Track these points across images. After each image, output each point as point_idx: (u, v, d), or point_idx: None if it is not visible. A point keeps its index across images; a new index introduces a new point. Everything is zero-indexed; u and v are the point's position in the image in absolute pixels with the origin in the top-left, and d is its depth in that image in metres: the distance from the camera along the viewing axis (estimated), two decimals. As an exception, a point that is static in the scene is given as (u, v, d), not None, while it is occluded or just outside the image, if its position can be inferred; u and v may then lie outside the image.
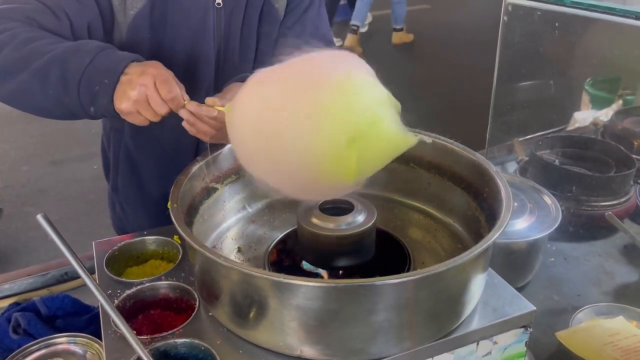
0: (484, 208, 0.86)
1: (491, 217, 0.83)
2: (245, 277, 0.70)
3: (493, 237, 0.70)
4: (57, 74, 0.84)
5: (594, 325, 1.01)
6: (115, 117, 0.87)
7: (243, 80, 0.97)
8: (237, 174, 0.98)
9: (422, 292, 0.69)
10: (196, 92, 1.07)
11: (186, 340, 0.75)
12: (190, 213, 0.86)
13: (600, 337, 0.98)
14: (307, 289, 0.66)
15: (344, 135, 0.67)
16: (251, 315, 0.72)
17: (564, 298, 1.13)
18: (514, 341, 0.80)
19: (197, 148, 1.17)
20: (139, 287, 0.85)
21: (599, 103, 1.99)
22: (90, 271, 1.19)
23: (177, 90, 0.84)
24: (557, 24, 1.57)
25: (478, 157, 0.89)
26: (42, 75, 0.85)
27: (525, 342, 0.82)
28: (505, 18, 1.43)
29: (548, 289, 1.14)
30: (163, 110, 0.84)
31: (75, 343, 0.92)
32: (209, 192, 0.93)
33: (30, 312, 1.02)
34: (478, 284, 0.76)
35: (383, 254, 0.88)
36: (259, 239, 0.95)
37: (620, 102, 1.95)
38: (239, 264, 0.68)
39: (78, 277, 1.20)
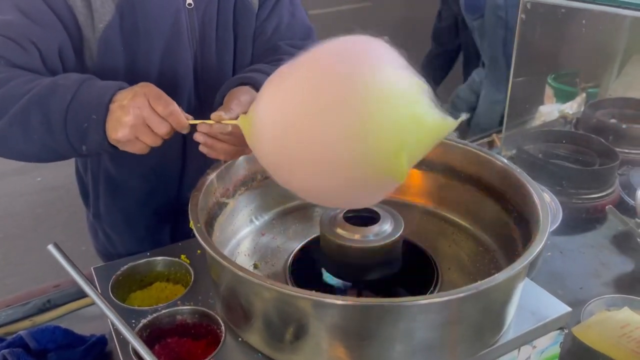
0: (509, 210, 0.85)
1: (520, 218, 0.82)
2: (288, 299, 0.65)
3: (542, 241, 0.69)
4: (38, 118, 0.77)
5: (605, 319, 1.02)
6: (112, 151, 0.80)
7: (238, 83, 0.93)
8: (244, 185, 0.92)
9: (472, 306, 0.67)
10: (178, 101, 1.01)
11: (222, 372, 0.69)
12: (208, 231, 0.79)
13: (613, 330, 0.99)
14: (356, 309, 0.62)
15: (391, 142, 0.64)
16: (292, 337, 0.67)
17: (568, 292, 1.14)
18: (550, 344, 0.80)
19: (183, 162, 1.11)
20: (154, 315, 0.78)
21: (562, 97, 2.05)
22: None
23: (173, 103, 0.78)
24: (523, 17, 1.59)
25: (503, 160, 0.87)
26: (21, 121, 0.78)
27: (560, 344, 0.81)
28: (523, 16, 1.44)
29: (551, 284, 1.15)
30: (163, 129, 0.77)
31: (82, 380, 0.84)
32: (220, 207, 0.87)
33: (18, 348, 0.92)
34: (520, 292, 0.74)
35: (405, 262, 0.85)
36: (273, 252, 0.90)
37: (584, 95, 2.03)
38: (285, 286, 0.63)
39: (62, 304, 1.11)
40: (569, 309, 0.79)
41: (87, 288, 0.72)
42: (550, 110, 2.01)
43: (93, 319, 1.08)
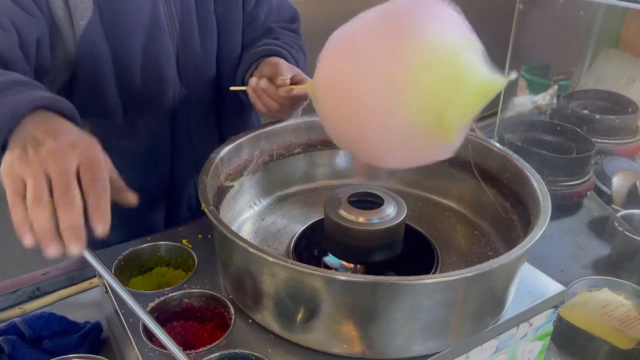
0: (505, 194, 0.88)
1: (517, 202, 0.85)
2: (304, 277, 0.65)
3: (545, 221, 0.72)
4: None
5: (587, 299, 1.07)
6: None
7: (261, 55, 0.98)
8: (246, 169, 0.92)
9: (480, 285, 0.69)
10: (163, 91, 1.01)
11: (236, 351, 0.70)
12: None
13: (595, 309, 1.04)
14: (368, 286, 0.64)
15: (437, 97, 0.64)
16: (304, 316, 0.68)
17: (550, 274, 1.17)
18: (545, 321, 0.83)
19: (172, 149, 1.10)
20: (161, 298, 0.78)
21: (534, 88, 2.12)
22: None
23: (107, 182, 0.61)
24: (521, 7, 1.63)
25: (499, 147, 0.90)
26: None
27: (553, 322, 0.85)
28: (521, 6, 1.47)
29: (534, 267, 1.20)
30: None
31: (84, 366, 0.83)
32: (223, 191, 0.87)
33: (12, 335, 0.90)
34: (521, 272, 0.77)
35: (405, 245, 0.87)
36: (274, 236, 0.91)
37: (556, 87, 2.10)
38: (302, 264, 0.64)
39: (51, 292, 1.09)
40: (563, 287, 0.82)
41: (99, 267, 0.71)
42: (524, 102, 2.08)
43: (84, 306, 1.06)
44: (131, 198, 0.66)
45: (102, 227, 0.58)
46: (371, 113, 0.67)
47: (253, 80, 0.93)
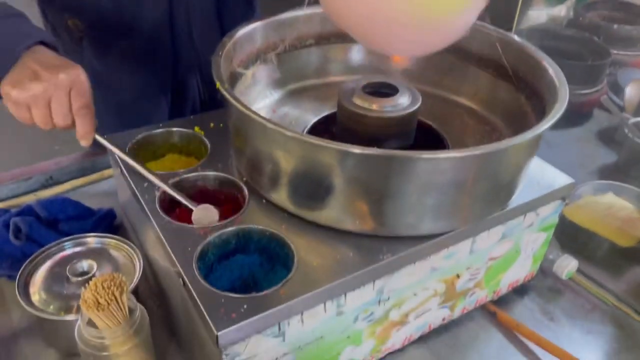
0: (521, 87, 0.87)
1: (532, 93, 0.84)
2: (318, 151, 0.65)
3: (564, 104, 0.72)
4: None
5: (591, 201, 1.09)
6: None
7: None
8: (259, 58, 0.91)
9: (495, 164, 0.70)
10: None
11: (251, 226, 0.72)
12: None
13: (599, 211, 1.06)
14: (381, 159, 0.64)
15: None
16: (319, 193, 0.69)
17: (556, 179, 1.20)
18: (551, 212, 0.85)
19: (173, 50, 1.09)
20: (176, 179, 0.79)
21: (551, 1, 2.05)
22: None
23: (92, 108, 0.78)
24: None
25: (517, 39, 0.88)
26: None
27: (559, 214, 0.87)
28: None
29: (541, 173, 1.21)
30: (62, 121, 0.76)
31: (102, 244, 0.86)
32: (236, 78, 0.86)
33: (29, 217, 0.92)
34: (533, 158, 0.78)
35: (416, 138, 0.87)
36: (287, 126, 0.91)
37: (573, -1, 2.04)
38: (318, 138, 0.64)
39: (64, 181, 1.11)
40: (572, 180, 0.83)
41: (112, 147, 0.72)
42: (539, 14, 2.02)
43: (97, 195, 1.08)
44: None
45: (86, 143, 0.79)
46: None
47: None
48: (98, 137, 0.80)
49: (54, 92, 0.73)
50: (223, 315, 0.59)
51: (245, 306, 0.60)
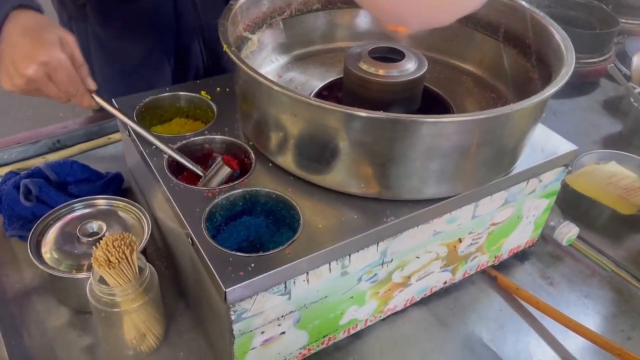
0: (528, 53, 0.87)
1: (539, 60, 0.84)
2: (325, 114, 0.66)
3: (570, 68, 0.72)
4: None
5: (594, 170, 1.10)
6: None
7: None
8: (265, 23, 0.91)
9: (501, 128, 0.70)
10: None
11: (257, 189, 0.73)
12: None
13: (601, 179, 1.07)
14: (385, 122, 0.64)
15: None
16: (324, 157, 0.70)
17: (560, 148, 1.20)
18: (553, 179, 0.86)
19: (175, 16, 1.08)
20: (183, 142, 0.80)
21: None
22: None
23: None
24: None
25: (525, 4, 0.88)
26: None
27: (561, 181, 0.88)
28: None
29: (545, 141, 1.21)
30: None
31: (111, 206, 0.87)
32: (242, 43, 0.86)
33: (39, 179, 0.94)
34: (537, 125, 0.78)
35: (422, 104, 0.88)
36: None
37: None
38: (324, 101, 0.65)
39: (71, 145, 1.12)
40: (576, 147, 0.84)
41: (117, 113, 0.73)
42: (547, -17, 1.99)
43: (104, 159, 1.10)
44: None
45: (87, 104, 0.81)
46: None
47: None
48: (102, 102, 0.80)
49: (57, 69, 0.74)
50: (231, 273, 0.61)
51: (252, 265, 0.62)
